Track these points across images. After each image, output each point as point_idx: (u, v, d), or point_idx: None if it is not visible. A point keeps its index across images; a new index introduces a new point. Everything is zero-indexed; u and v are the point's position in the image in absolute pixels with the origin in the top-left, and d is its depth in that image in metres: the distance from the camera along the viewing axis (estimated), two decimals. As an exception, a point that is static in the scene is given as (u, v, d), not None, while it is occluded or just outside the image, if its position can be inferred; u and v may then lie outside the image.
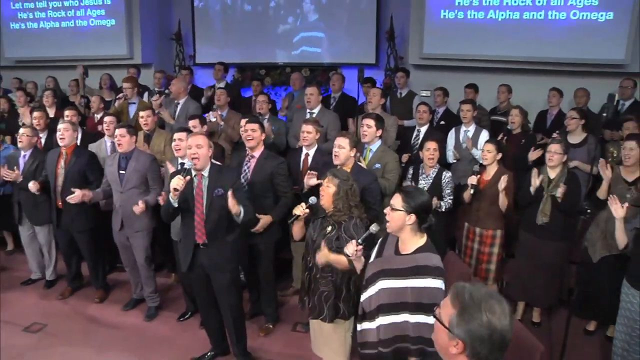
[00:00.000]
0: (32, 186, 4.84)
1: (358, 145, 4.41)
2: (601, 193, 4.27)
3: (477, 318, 1.64)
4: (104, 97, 7.00)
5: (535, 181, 4.25)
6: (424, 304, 2.53)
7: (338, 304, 3.35)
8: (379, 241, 2.94)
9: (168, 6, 9.12)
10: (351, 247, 2.86)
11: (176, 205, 3.64)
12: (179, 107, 6.15)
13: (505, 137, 5.28)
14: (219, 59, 7.70)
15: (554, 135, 5.13)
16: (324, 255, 3.19)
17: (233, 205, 3.54)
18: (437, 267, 2.60)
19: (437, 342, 1.78)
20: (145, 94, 7.11)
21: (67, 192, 4.68)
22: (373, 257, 2.89)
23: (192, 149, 3.62)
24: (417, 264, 2.61)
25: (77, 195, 4.54)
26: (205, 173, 3.71)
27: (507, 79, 6.65)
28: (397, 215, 2.66)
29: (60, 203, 4.88)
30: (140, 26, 8.60)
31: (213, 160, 3.84)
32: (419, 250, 2.67)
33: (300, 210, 3.36)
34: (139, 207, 4.40)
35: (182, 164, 4.23)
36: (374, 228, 2.89)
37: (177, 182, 3.53)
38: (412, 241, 2.69)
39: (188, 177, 3.60)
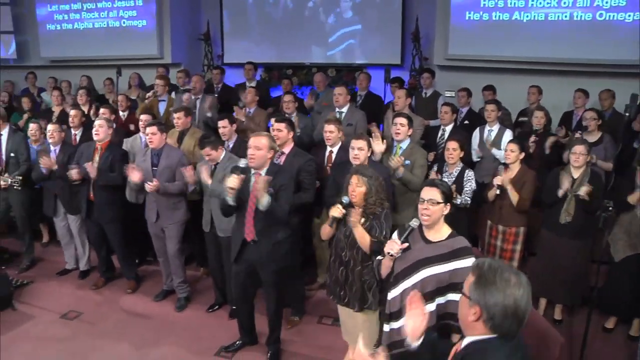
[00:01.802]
0: (74, 173, 5.00)
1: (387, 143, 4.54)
2: (632, 199, 4.34)
3: (492, 284, 1.72)
4: (130, 96, 7.25)
5: (566, 186, 4.32)
6: None
7: (377, 292, 3.47)
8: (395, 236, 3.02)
9: (197, 7, 9.36)
10: (396, 246, 2.89)
11: (232, 203, 3.75)
12: (199, 102, 6.46)
13: (537, 139, 5.32)
14: (247, 58, 7.88)
15: (577, 135, 5.19)
16: (356, 219, 3.30)
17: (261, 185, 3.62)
18: (472, 248, 2.80)
19: (459, 314, 1.87)
20: (172, 93, 7.30)
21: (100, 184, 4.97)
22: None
23: (251, 149, 3.74)
24: (455, 247, 2.78)
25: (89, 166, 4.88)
26: (263, 173, 3.82)
27: (532, 79, 6.67)
28: (439, 208, 2.81)
29: (92, 195, 5.11)
30: (170, 27, 8.84)
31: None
32: (451, 235, 2.85)
33: (338, 212, 3.43)
34: (152, 184, 4.58)
35: (216, 164, 4.44)
36: (414, 223, 2.94)
37: (233, 181, 3.64)
38: (442, 229, 2.87)
39: (243, 176, 3.70)
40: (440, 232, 2.87)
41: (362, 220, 3.44)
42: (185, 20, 9.14)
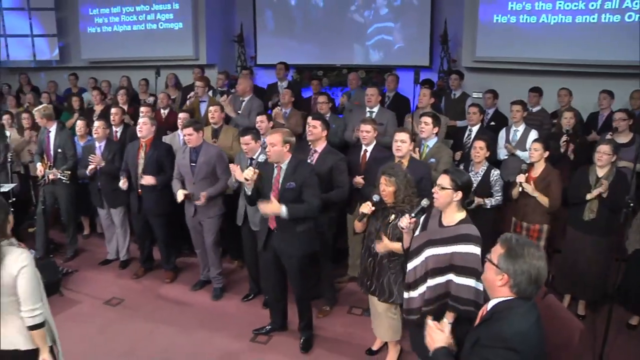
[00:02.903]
0: (123, 184, 5.36)
1: (415, 140, 4.73)
2: None
3: (520, 257, 2.08)
4: (169, 94, 7.57)
5: (598, 190, 4.45)
6: (466, 267, 2.98)
7: (402, 287, 3.68)
8: (422, 217, 3.31)
9: (231, 10, 9.68)
10: (405, 220, 3.26)
11: (249, 193, 4.09)
12: (244, 103, 6.58)
13: (568, 140, 5.43)
14: (279, 60, 8.12)
15: (609, 136, 5.28)
16: (383, 245, 3.60)
17: (273, 208, 3.93)
18: (478, 237, 3.03)
19: (486, 279, 2.21)
20: (209, 93, 7.59)
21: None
22: (418, 231, 3.28)
23: (268, 146, 4.04)
24: (460, 232, 3.03)
25: (149, 178, 5.16)
26: (284, 166, 4.08)
27: (559, 81, 6.77)
28: (446, 193, 3.08)
29: (140, 190, 5.39)
30: (205, 29, 9.16)
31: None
32: (461, 222, 3.10)
33: (368, 209, 3.71)
34: (200, 200, 4.89)
35: (252, 158, 4.68)
36: (424, 202, 3.27)
37: (247, 173, 3.99)
38: (455, 215, 3.12)
39: (257, 171, 4.04)
40: (452, 218, 3.13)
41: (392, 217, 3.67)
42: (219, 23, 9.45)
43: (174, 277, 5.76)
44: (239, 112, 6.41)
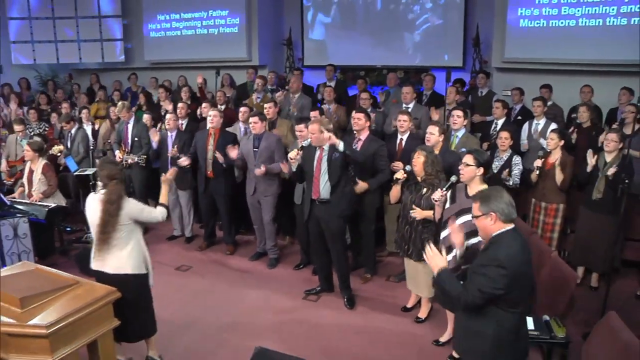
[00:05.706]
0: (183, 161, 6.16)
1: (446, 132, 5.44)
2: None
3: (493, 196, 2.79)
4: (225, 92, 8.45)
5: (591, 161, 5.09)
6: None
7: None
8: (449, 193, 4.03)
9: (281, 16, 10.61)
10: (438, 194, 3.98)
11: (294, 169, 5.00)
12: (295, 100, 7.45)
13: (575, 130, 6.10)
14: (324, 61, 8.95)
15: (614, 126, 5.89)
16: (419, 212, 4.38)
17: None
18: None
19: (481, 231, 2.89)
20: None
21: (217, 164, 6.04)
22: (448, 204, 4.01)
23: (310, 134, 4.88)
24: None
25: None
26: (326, 147, 4.88)
27: (582, 79, 7.27)
28: (471, 169, 3.80)
29: (209, 172, 6.21)
30: (257, 33, 10.09)
31: None
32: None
33: (401, 174, 4.52)
34: (260, 170, 5.63)
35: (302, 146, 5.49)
36: (453, 178, 4.00)
37: (291, 154, 4.90)
38: (479, 187, 3.81)
39: (301, 152, 4.89)
40: (477, 189, 3.79)
41: (424, 190, 4.42)
42: (270, 27, 10.38)
43: (234, 250, 6.58)
44: (290, 107, 7.26)
